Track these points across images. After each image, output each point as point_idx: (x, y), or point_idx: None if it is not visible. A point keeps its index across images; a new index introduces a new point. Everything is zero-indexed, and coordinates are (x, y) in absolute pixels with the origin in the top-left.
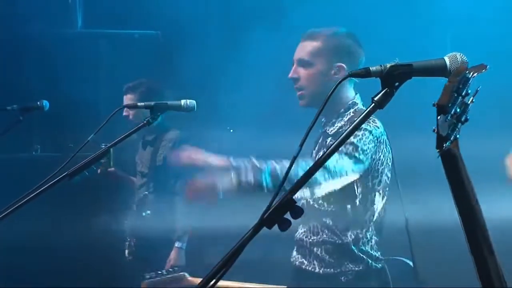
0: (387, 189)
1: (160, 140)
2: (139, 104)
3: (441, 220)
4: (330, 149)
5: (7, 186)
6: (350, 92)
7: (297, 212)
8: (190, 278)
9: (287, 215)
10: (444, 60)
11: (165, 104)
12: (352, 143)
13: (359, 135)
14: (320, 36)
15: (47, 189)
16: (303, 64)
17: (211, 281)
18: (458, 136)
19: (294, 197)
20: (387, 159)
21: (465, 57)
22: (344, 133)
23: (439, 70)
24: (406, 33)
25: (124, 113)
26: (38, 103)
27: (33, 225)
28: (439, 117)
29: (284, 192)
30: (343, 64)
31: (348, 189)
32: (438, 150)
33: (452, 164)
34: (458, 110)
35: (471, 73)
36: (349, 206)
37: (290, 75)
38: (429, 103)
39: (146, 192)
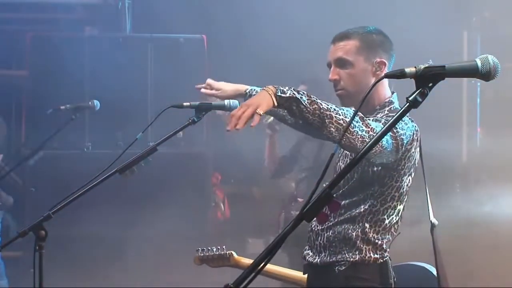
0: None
1: None
2: (185, 104)
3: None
4: (365, 147)
5: (60, 181)
6: (387, 90)
7: (335, 206)
8: (236, 257)
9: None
10: (476, 62)
11: (210, 104)
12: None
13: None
14: (355, 35)
15: (99, 184)
16: (342, 64)
17: (254, 271)
18: None
19: None
20: (415, 159)
21: (496, 59)
22: (379, 133)
23: (471, 71)
24: (438, 36)
25: None
26: (90, 103)
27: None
28: None
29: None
30: (383, 59)
31: (369, 182)
32: None
33: None
34: None
35: None
36: (368, 202)
37: (330, 77)
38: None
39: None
